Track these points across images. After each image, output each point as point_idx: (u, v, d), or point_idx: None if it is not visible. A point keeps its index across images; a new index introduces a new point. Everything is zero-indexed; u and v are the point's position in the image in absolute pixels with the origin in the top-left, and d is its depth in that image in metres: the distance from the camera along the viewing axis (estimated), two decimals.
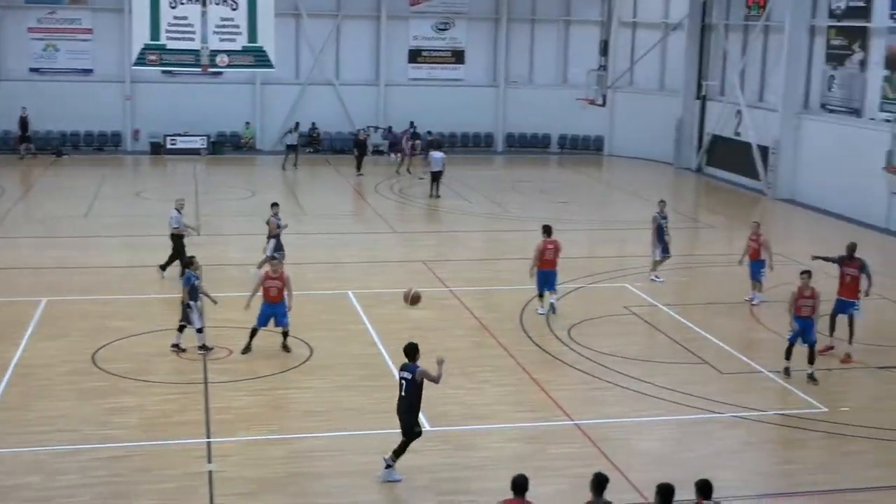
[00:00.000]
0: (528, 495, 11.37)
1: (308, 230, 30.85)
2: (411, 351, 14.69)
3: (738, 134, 42.76)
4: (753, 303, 23.81)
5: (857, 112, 36.11)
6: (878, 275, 26.81)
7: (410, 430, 14.64)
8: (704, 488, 11.55)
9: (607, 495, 11.52)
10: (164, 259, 24.87)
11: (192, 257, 20.48)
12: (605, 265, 27.47)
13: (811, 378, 18.75)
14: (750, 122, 41.34)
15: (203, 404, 17.24)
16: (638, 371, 19.29)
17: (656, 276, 25.94)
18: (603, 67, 43.06)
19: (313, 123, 47.44)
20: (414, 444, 14.76)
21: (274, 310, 19.71)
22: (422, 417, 15.32)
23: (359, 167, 41.84)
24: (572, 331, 21.74)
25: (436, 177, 37.22)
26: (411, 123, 45.40)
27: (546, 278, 22.80)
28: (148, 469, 14.80)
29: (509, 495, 11.42)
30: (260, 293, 19.79)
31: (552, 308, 22.79)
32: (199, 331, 19.50)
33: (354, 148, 42.70)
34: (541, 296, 22.95)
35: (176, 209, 24.98)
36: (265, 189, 37.54)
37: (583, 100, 44.50)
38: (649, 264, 26.09)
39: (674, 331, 22.01)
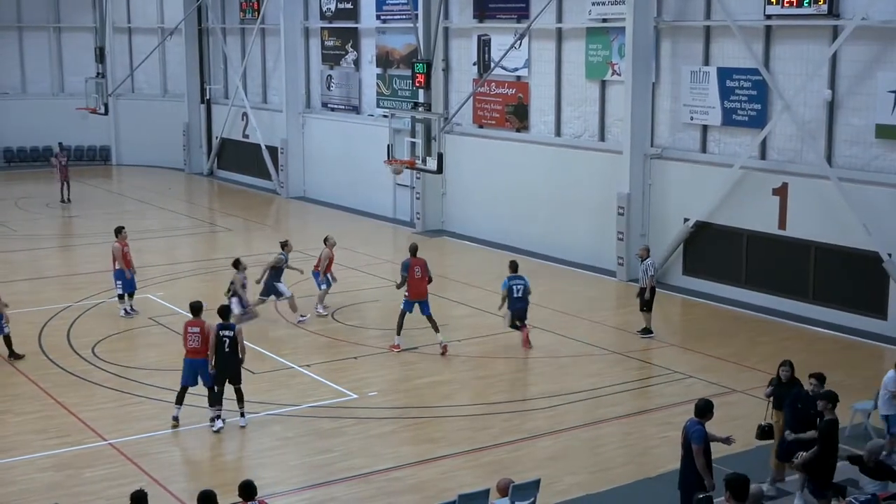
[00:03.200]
0: None
1: None
2: (226, 311, 17.27)
3: (246, 136, 43.24)
4: (322, 313, 23.40)
5: (356, 109, 37.77)
6: (390, 263, 28.34)
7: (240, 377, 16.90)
8: (247, 489, 11.57)
9: None
10: None
11: None
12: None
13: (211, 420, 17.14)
14: (257, 123, 41.93)
15: None
16: (169, 381, 18.83)
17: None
18: (101, 75, 41.76)
19: None
20: None
21: None
22: None
23: None
24: (97, 348, 20.90)
25: None
26: (60, 144, 41.55)
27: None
28: None
29: None
30: None
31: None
32: None
33: None
34: (121, 297, 23.30)
35: None
36: None
37: (83, 109, 42.93)
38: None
39: None
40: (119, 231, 23.61)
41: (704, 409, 12.66)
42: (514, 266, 21.43)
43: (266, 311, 23.12)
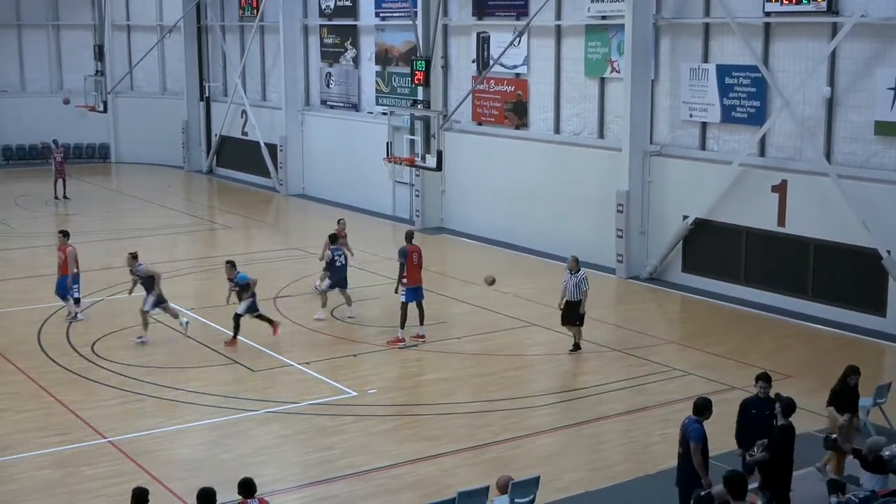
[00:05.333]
0: None
1: None
2: None
3: (245, 134, 43.22)
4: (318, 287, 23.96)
5: (355, 106, 37.76)
6: (389, 261, 28.30)
7: None
8: (246, 487, 11.55)
9: None
10: None
11: None
12: (123, 275, 26.52)
13: None
14: (256, 121, 41.92)
15: None
16: (169, 379, 18.92)
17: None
18: (100, 72, 41.72)
19: None
20: None
21: None
22: None
23: None
24: (96, 346, 20.89)
25: None
26: (55, 141, 41.51)
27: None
28: None
29: None
30: None
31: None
32: None
33: None
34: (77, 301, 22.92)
35: None
36: None
37: (82, 107, 42.90)
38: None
39: (200, 334, 21.80)
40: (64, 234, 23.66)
41: (703, 408, 12.65)
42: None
43: (267, 308, 23.16)
